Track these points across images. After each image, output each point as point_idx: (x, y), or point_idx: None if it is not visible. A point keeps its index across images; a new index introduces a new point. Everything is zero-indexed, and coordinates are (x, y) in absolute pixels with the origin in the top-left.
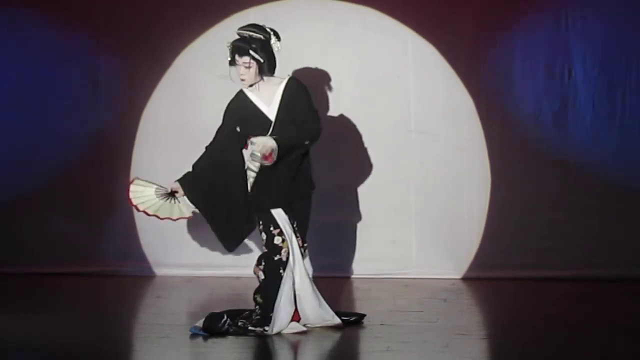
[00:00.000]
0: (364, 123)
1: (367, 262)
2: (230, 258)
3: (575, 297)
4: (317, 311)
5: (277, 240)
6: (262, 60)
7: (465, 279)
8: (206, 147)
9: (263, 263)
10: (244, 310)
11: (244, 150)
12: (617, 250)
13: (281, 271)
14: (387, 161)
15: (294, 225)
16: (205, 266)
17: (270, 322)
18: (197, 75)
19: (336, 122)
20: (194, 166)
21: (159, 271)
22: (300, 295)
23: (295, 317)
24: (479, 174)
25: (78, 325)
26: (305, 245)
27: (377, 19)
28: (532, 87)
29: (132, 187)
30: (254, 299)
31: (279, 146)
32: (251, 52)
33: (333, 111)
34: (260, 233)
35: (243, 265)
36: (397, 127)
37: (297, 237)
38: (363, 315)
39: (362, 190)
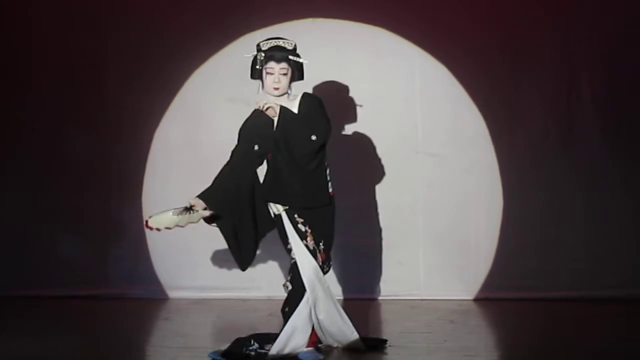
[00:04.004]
0: (371, 144)
1: (374, 283)
2: (237, 280)
3: (584, 319)
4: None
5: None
6: (301, 63)
7: (473, 300)
8: (224, 166)
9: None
10: (271, 334)
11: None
12: (629, 271)
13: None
14: (394, 182)
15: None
16: (214, 289)
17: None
18: (208, 98)
19: (343, 142)
20: (212, 182)
21: (167, 294)
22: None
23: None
24: (487, 195)
25: (85, 348)
26: (326, 262)
27: (385, 38)
28: (542, 108)
29: (150, 220)
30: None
31: (282, 113)
32: (290, 57)
33: (339, 132)
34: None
35: (249, 287)
36: (404, 147)
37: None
38: (384, 340)
39: (369, 211)
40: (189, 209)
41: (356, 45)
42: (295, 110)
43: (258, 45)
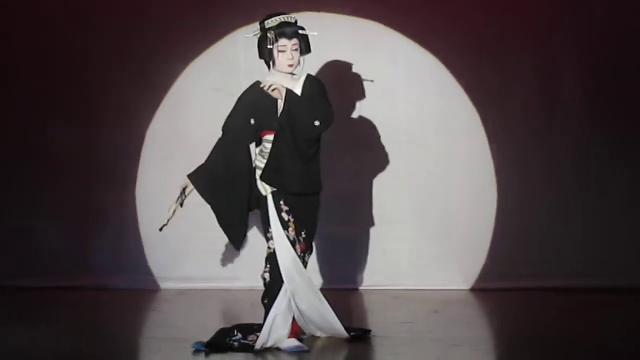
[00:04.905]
0: (357, 132)
1: (358, 273)
2: (220, 270)
3: (580, 310)
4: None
5: None
6: (306, 36)
7: (459, 290)
8: (217, 141)
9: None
10: (254, 325)
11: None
12: (626, 260)
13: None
14: (379, 171)
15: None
16: (198, 279)
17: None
18: (196, 91)
19: (329, 131)
20: (206, 160)
21: (154, 284)
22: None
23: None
24: (476, 185)
25: (71, 338)
26: (306, 251)
27: (371, 29)
28: (534, 99)
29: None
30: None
31: (288, 96)
32: (300, 32)
33: None
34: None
35: (234, 277)
36: (389, 136)
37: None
38: (368, 331)
39: (353, 200)
40: (182, 192)
41: (341, 37)
42: (299, 92)
43: (262, 23)
